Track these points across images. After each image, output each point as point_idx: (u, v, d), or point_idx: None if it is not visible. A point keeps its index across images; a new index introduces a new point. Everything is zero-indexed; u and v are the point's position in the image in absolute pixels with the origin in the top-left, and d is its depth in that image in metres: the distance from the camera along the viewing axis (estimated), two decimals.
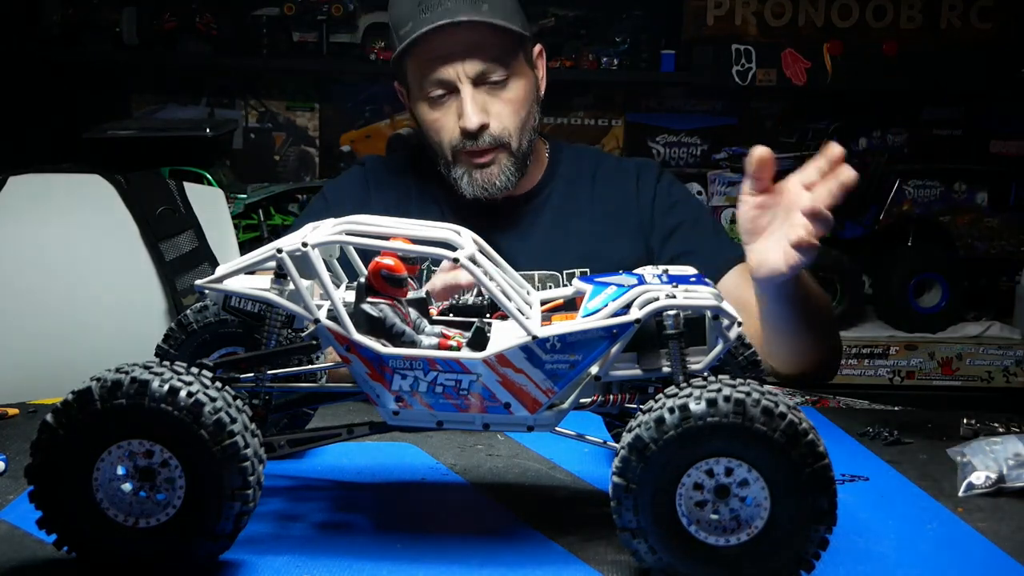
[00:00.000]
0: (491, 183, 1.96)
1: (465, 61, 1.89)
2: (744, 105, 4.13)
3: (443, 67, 1.90)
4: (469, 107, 1.90)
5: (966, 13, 3.69)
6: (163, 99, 4.10)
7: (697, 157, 4.12)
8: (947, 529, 1.20)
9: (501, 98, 1.94)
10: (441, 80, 1.92)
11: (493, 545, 1.11)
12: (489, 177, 1.96)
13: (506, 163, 1.96)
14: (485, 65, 1.90)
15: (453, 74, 1.90)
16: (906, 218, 3.60)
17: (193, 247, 2.09)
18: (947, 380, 3.53)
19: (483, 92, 1.92)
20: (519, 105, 1.96)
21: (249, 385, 1.12)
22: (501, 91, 1.94)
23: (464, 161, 1.96)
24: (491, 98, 1.93)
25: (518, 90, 1.96)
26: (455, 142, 1.94)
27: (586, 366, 1.08)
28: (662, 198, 2.10)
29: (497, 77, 1.92)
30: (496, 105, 1.93)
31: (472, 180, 1.96)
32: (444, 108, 1.95)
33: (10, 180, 2.08)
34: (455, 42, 1.89)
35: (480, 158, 1.95)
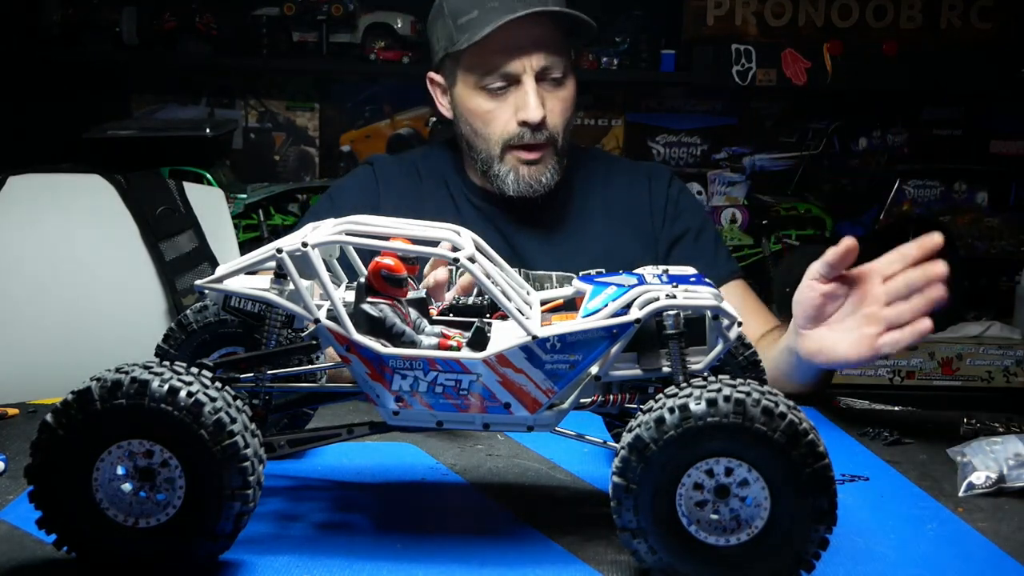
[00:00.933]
0: (537, 180, 1.96)
1: (532, 55, 1.90)
2: (744, 105, 4.13)
3: (510, 59, 1.90)
4: (534, 99, 1.90)
5: (966, 13, 3.69)
6: (163, 99, 4.09)
7: (697, 157, 4.12)
8: (947, 529, 1.20)
9: (557, 95, 1.95)
10: (506, 72, 1.91)
11: (493, 545, 1.11)
12: (536, 174, 1.96)
13: (552, 162, 1.97)
14: (550, 60, 1.91)
15: (520, 67, 1.90)
16: (906, 218, 3.60)
17: (193, 247, 2.09)
18: (947, 380, 3.52)
19: (544, 88, 1.93)
20: (570, 104, 1.99)
21: (249, 385, 1.12)
22: (558, 89, 1.95)
23: (512, 157, 1.96)
24: (548, 94, 1.94)
25: (571, 89, 1.98)
26: (509, 135, 1.94)
27: (586, 366, 1.08)
28: (672, 205, 2.12)
29: (557, 74, 1.94)
30: (552, 102, 1.95)
31: (519, 176, 1.96)
32: (501, 100, 1.94)
33: (10, 180, 2.08)
34: (524, 35, 1.89)
35: (532, 153, 1.95)
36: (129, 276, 2.05)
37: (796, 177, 3.85)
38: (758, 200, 3.73)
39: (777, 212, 3.62)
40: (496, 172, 1.97)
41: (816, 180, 3.89)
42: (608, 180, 2.13)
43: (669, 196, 2.13)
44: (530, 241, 2.05)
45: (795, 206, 3.64)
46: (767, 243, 3.61)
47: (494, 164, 1.97)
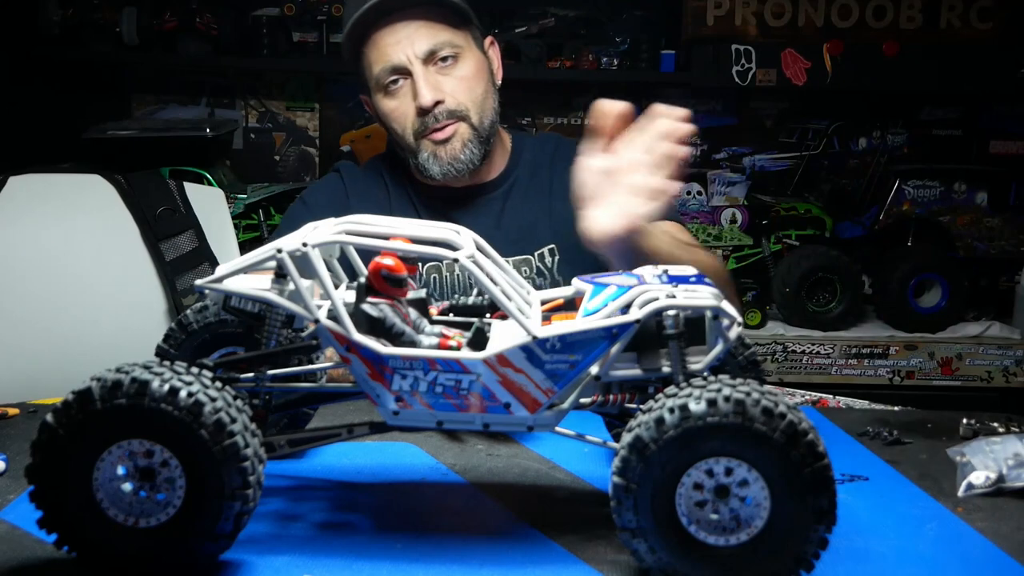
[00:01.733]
0: (455, 157, 1.96)
1: (413, 41, 1.92)
2: (744, 105, 4.13)
3: (391, 50, 1.93)
4: (422, 84, 1.92)
5: (966, 13, 3.69)
6: (163, 99, 4.10)
7: (697, 157, 4.12)
8: (947, 529, 1.20)
9: (453, 75, 1.96)
10: (393, 66, 1.94)
11: (493, 545, 1.11)
12: (452, 152, 1.96)
13: (467, 137, 1.97)
14: (433, 42, 1.93)
15: (403, 56, 1.93)
16: (906, 218, 3.60)
17: (193, 247, 2.09)
18: (947, 380, 3.52)
19: (435, 72, 1.94)
20: (472, 81, 1.98)
21: (249, 385, 1.12)
22: (452, 68, 1.96)
23: (426, 143, 1.97)
24: (443, 77, 1.95)
25: (469, 67, 1.98)
26: (415, 125, 1.96)
27: (586, 366, 1.08)
28: None
29: (446, 53, 1.95)
30: (449, 83, 1.95)
31: (438, 160, 1.96)
32: (400, 95, 1.97)
33: (10, 180, 2.08)
34: (401, 26, 1.92)
35: (440, 133, 1.95)
36: (129, 276, 2.05)
37: (796, 177, 3.85)
38: (758, 200, 3.73)
39: (777, 212, 3.63)
40: (419, 164, 1.99)
41: (816, 180, 3.89)
42: (555, 158, 2.12)
43: None
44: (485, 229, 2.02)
45: (795, 206, 3.64)
46: (767, 243, 3.61)
47: (416, 156, 1.99)
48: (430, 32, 1.94)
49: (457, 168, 1.97)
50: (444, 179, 1.99)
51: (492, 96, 2.04)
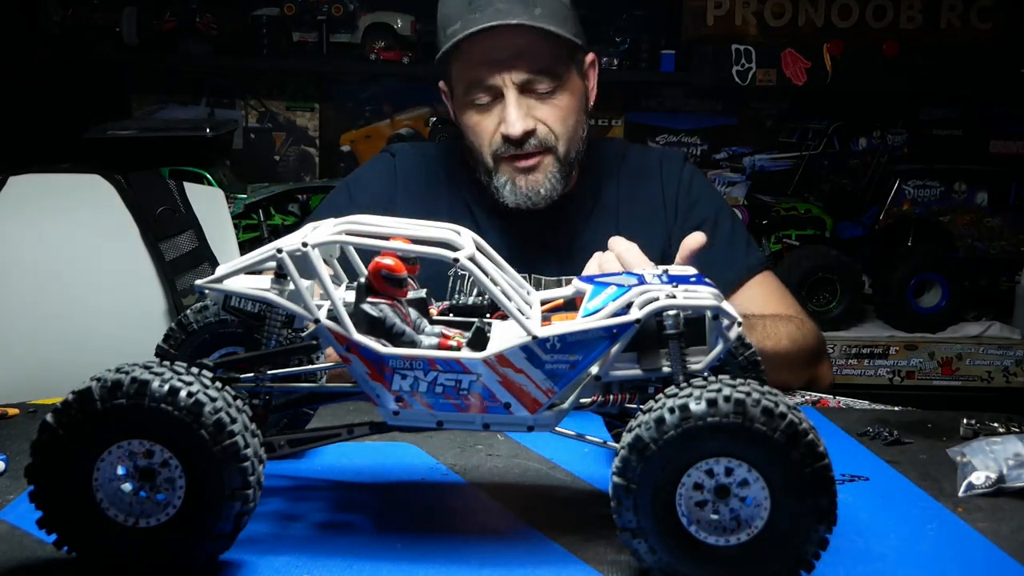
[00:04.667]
0: (535, 190, 1.89)
1: (512, 69, 1.83)
2: (744, 105, 4.13)
3: (489, 72, 1.83)
4: (513, 113, 1.83)
5: (966, 13, 3.69)
6: (163, 99, 4.10)
7: (697, 157, 4.11)
8: (947, 529, 1.20)
9: (548, 104, 1.87)
10: (487, 86, 1.85)
11: (493, 545, 1.11)
12: (534, 184, 1.88)
13: (552, 170, 1.89)
14: (531, 75, 1.84)
15: (499, 80, 1.83)
16: (906, 218, 3.60)
17: (193, 247, 2.09)
18: (947, 380, 3.52)
19: (529, 98, 1.86)
20: (566, 112, 1.89)
21: (249, 385, 1.12)
22: (549, 98, 1.87)
23: (507, 167, 1.89)
24: (537, 104, 1.86)
25: (568, 97, 1.89)
26: (497, 147, 1.87)
27: (586, 366, 1.08)
28: (684, 194, 2.04)
29: (544, 88, 1.86)
30: (542, 111, 1.87)
31: (515, 188, 1.89)
32: (488, 114, 1.88)
33: (10, 180, 2.08)
34: (503, 47, 1.82)
35: (525, 161, 1.87)
36: (129, 276, 2.05)
37: (796, 177, 3.85)
38: (758, 200, 3.73)
39: (777, 212, 3.62)
40: (494, 184, 1.91)
41: (816, 180, 3.89)
42: (620, 172, 2.06)
43: (681, 183, 2.04)
44: (543, 249, 1.98)
45: (795, 206, 3.64)
46: (767, 243, 3.61)
47: (492, 176, 1.91)
48: (532, 61, 1.83)
49: (534, 201, 1.90)
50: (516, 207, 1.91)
51: (584, 126, 1.95)
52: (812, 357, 1.95)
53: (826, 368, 2.02)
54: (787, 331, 1.86)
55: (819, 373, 1.98)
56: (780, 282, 2.07)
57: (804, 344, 1.90)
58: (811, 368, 1.95)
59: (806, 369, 1.93)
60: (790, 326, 1.88)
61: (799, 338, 1.88)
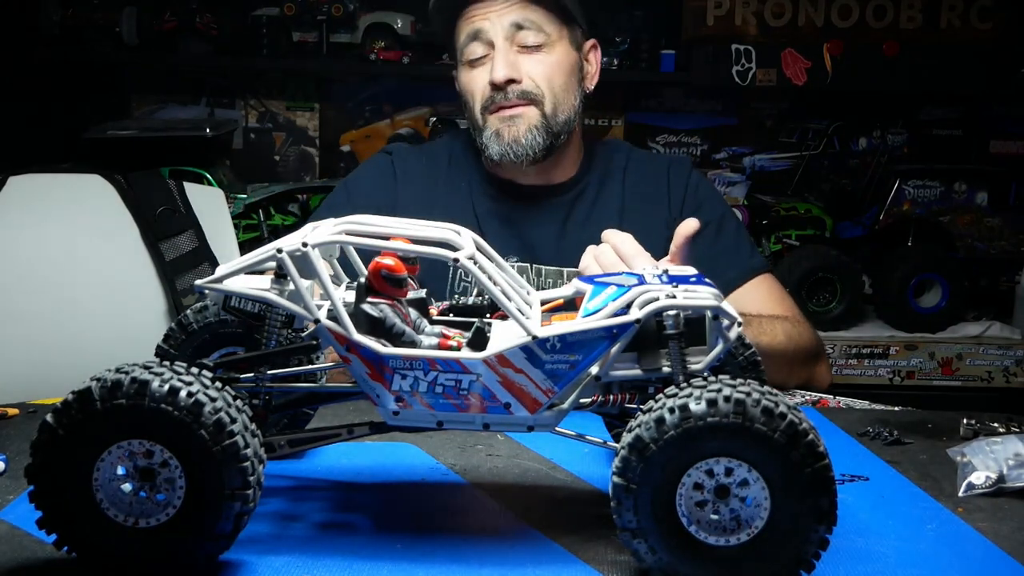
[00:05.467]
0: (516, 139, 1.93)
1: (502, 13, 1.92)
2: (744, 105, 4.13)
3: (479, 23, 1.92)
4: (499, 59, 1.91)
5: (966, 13, 3.69)
6: (163, 99, 4.10)
7: (697, 157, 4.11)
8: (947, 529, 1.20)
9: (536, 58, 1.94)
10: (476, 30, 1.93)
11: (493, 545, 1.11)
12: (515, 133, 1.93)
13: (535, 122, 1.93)
14: (520, 17, 1.92)
15: (487, 24, 1.92)
16: (906, 218, 3.60)
17: (193, 247, 2.09)
18: (947, 380, 3.52)
19: (516, 52, 1.93)
20: (554, 70, 1.95)
21: (249, 385, 1.12)
22: (536, 53, 1.94)
23: (493, 119, 1.94)
24: (524, 57, 1.93)
25: (555, 58, 1.96)
26: (484, 99, 1.94)
27: (586, 366, 1.08)
28: (691, 197, 2.08)
29: (534, 40, 1.93)
30: (528, 64, 1.93)
31: (499, 138, 1.94)
32: (478, 68, 1.95)
33: (10, 180, 2.08)
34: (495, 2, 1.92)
35: (507, 111, 1.93)
36: (129, 276, 2.05)
37: (796, 177, 3.85)
38: (758, 200, 3.73)
39: (777, 212, 3.62)
40: (483, 141, 1.96)
41: (816, 180, 3.89)
42: (626, 171, 2.09)
43: (688, 187, 2.08)
44: (543, 235, 2.02)
45: (795, 206, 3.64)
46: (767, 243, 3.61)
47: (481, 133, 1.97)
48: (522, 11, 1.92)
49: (516, 151, 1.93)
50: (502, 161, 1.95)
51: (574, 94, 2.00)
52: (807, 357, 1.96)
53: (824, 369, 2.03)
54: (782, 329, 1.88)
55: (816, 374, 1.99)
56: (780, 285, 2.10)
57: (800, 343, 1.91)
58: (807, 368, 1.97)
59: (802, 368, 1.95)
60: (785, 325, 1.90)
61: (795, 336, 1.90)
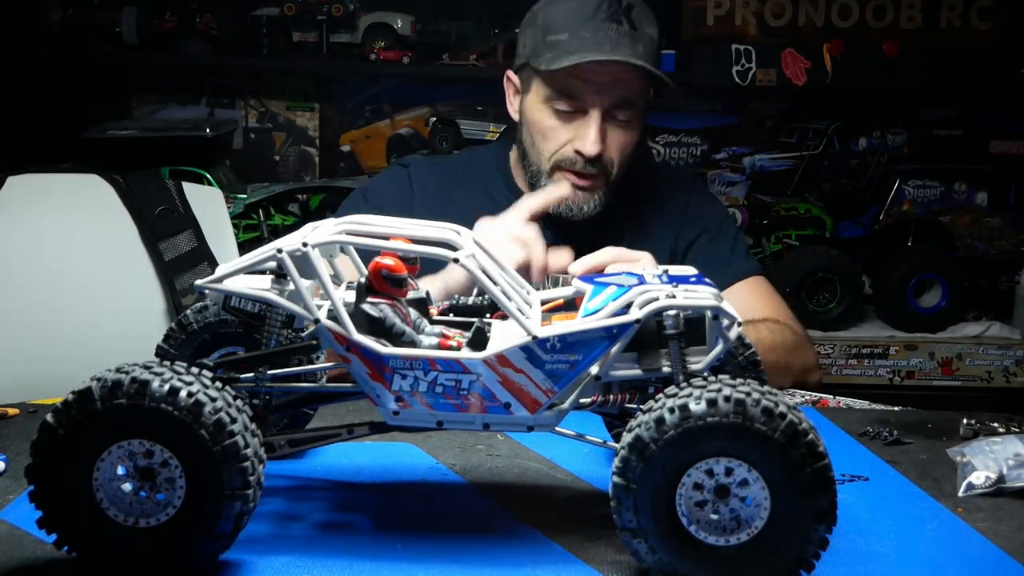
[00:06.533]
0: (580, 207, 1.98)
1: (607, 94, 1.92)
2: (744, 105, 4.12)
3: (585, 91, 1.92)
4: (594, 134, 1.92)
5: (966, 13, 3.69)
6: (163, 99, 4.09)
7: (697, 157, 4.11)
8: (947, 529, 1.20)
9: (620, 132, 1.97)
10: (578, 102, 1.94)
11: (493, 545, 1.11)
12: (582, 201, 1.98)
13: (600, 191, 1.99)
14: (622, 102, 1.94)
15: (592, 102, 1.93)
16: (906, 218, 3.59)
17: (192, 247, 2.09)
18: (947, 380, 3.52)
19: (608, 123, 1.95)
20: (630, 144, 2.00)
21: (249, 385, 1.12)
22: (622, 128, 1.97)
23: (562, 176, 1.97)
24: (612, 130, 1.96)
25: (636, 131, 2.00)
26: (562, 158, 1.96)
27: (586, 366, 1.08)
28: (693, 208, 2.13)
29: (624, 117, 1.96)
30: (613, 136, 1.96)
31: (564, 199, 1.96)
32: (565, 122, 1.96)
33: (9, 180, 2.08)
34: (605, 73, 1.91)
35: (584, 181, 1.97)
36: (128, 276, 2.05)
37: (796, 177, 3.85)
38: (758, 200, 3.73)
39: (777, 212, 3.62)
40: (542, 183, 1.99)
41: (816, 180, 3.89)
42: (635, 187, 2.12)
43: (690, 199, 2.14)
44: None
45: (795, 206, 3.64)
46: (767, 243, 3.61)
47: (542, 179, 1.99)
48: (625, 92, 1.94)
49: (575, 214, 1.99)
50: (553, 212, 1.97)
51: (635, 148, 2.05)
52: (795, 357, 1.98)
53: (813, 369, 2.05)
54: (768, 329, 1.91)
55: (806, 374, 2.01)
56: (772, 288, 2.14)
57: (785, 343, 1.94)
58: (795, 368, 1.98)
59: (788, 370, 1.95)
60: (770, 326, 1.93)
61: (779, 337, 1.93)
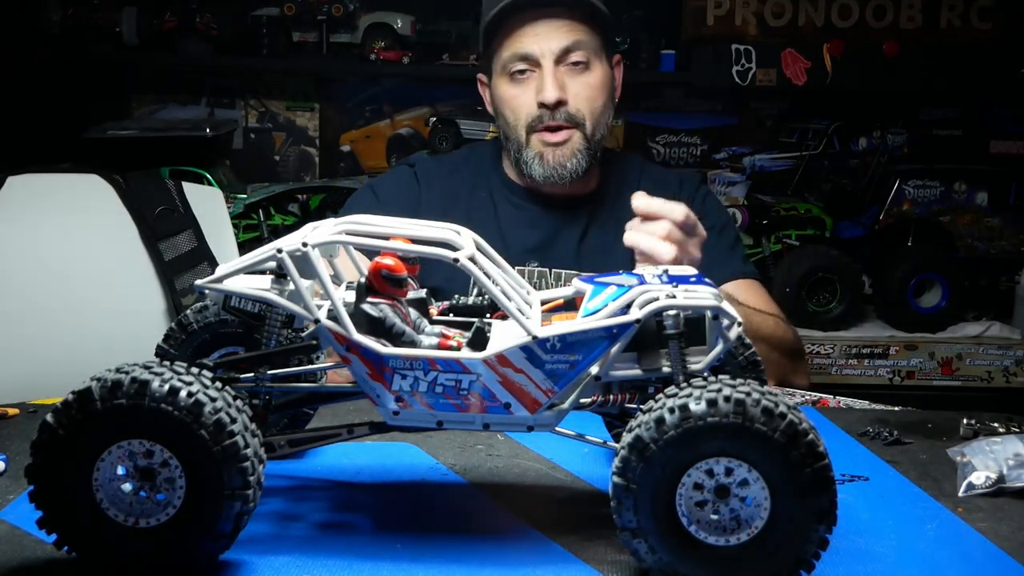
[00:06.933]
0: (562, 164, 1.98)
1: (551, 36, 1.95)
2: (744, 105, 4.13)
3: (528, 40, 1.95)
4: (549, 80, 1.94)
5: (966, 13, 3.69)
6: (163, 99, 4.10)
7: (697, 157, 4.11)
8: (947, 529, 1.20)
9: (581, 80, 1.98)
10: (525, 55, 1.96)
11: (493, 545, 1.11)
12: (560, 158, 1.98)
13: (579, 146, 1.99)
14: (570, 41, 1.96)
15: (536, 48, 1.95)
16: (906, 218, 3.60)
17: (192, 247, 2.09)
18: (947, 380, 3.52)
19: (563, 72, 1.97)
20: (597, 91, 2.00)
21: (249, 385, 1.12)
22: (581, 74, 1.98)
23: (537, 140, 1.98)
24: (571, 79, 1.97)
25: (597, 77, 2.00)
26: (531, 118, 1.98)
27: (586, 366, 1.08)
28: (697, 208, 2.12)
29: (578, 58, 1.97)
30: (575, 86, 1.97)
31: (544, 161, 1.98)
32: (523, 85, 1.99)
33: (9, 180, 2.08)
34: (543, 19, 1.95)
35: (554, 135, 1.97)
36: (128, 276, 2.05)
37: (796, 177, 3.85)
38: (758, 200, 3.73)
39: (777, 212, 3.62)
40: (524, 159, 2.00)
41: (816, 180, 3.89)
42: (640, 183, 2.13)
43: (695, 199, 2.15)
44: (564, 241, 2.08)
45: (795, 206, 3.64)
46: (767, 243, 3.61)
47: (523, 151, 2.01)
48: (570, 32, 1.96)
49: (560, 175, 1.99)
50: (543, 182, 2.00)
51: (609, 111, 2.06)
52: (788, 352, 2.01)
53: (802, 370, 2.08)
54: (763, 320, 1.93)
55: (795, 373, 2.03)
56: (766, 292, 2.16)
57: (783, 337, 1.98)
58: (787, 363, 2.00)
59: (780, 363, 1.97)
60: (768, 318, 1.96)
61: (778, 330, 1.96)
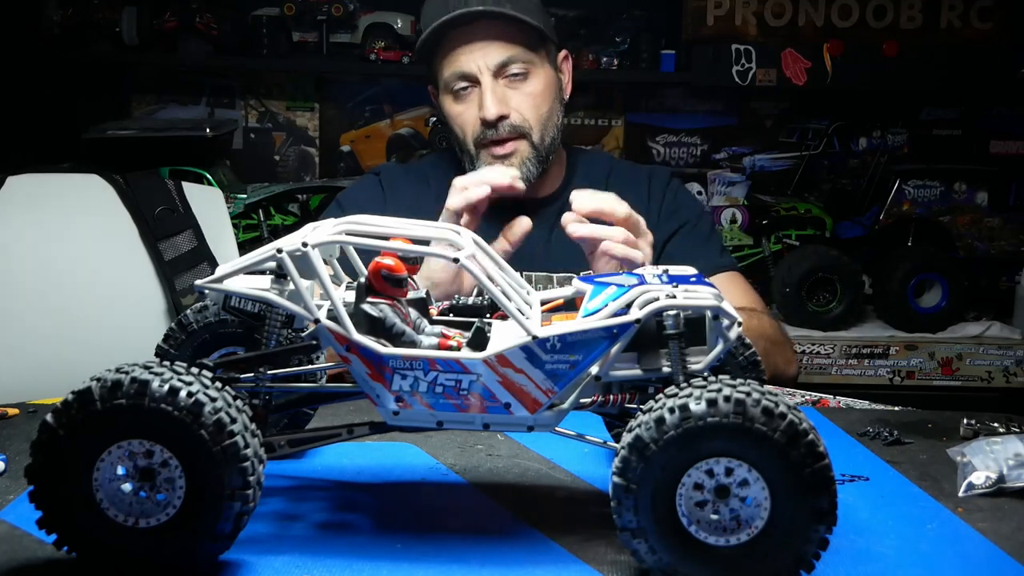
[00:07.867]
0: None
1: (486, 53, 1.95)
2: (744, 105, 4.13)
3: (464, 59, 1.96)
4: (488, 97, 1.95)
5: (966, 13, 3.69)
6: (163, 99, 4.10)
7: (697, 157, 4.12)
8: (947, 529, 1.20)
9: (521, 91, 1.99)
10: (463, 73, 1.97)
11: (493, 545, 1.11)
12: None
13: (527, 155, 1.99)
14: (504, 56, 1.96)
15: (473, 66, 1.96)
16: (906, 218, 3.60)
17: (192, 247, 2.09)
18: (947, 380, 3.52)
19: (503, 85, 1.98)
20: (539, 99, 2.01)
21: (249, 385, 1.12)
22: (521, 84, 1.99)
23: (485, 154, 1.99)
24: (511, 91, 1.98)
25: (538, 84, 2.01)
26: (476, 134, 1.99)
27: (586, 366, 1.07)
28: (669, 203, 2.15)
29: (517, 69, 1.97)
30: (516, 98, 1.98)
31: None
32: (467, 102, 2.00)
33: (9, 180, 2.08)
34: (476, 35, 1.95)
35: (500, 148, 1.98)
36: (128, 276, 2.05)
37: (796, 177, 3.85)
38: (758, 200, 3.73)
39: (777, 212, 3.62)
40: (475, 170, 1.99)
41: (816, 180, 3.89)
42: (609, 181, 2.15)
43: (667, 194, 2.16)
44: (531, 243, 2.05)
45: (795, 206, 3.64)
46: (767, 243, 3.61)
47: (475, 163, 2.02)
48: (504, 46, 1.97)
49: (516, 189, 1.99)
50: None
51: (557, 113, 2.06)
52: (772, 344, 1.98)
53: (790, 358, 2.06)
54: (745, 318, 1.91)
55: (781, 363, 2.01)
56: (747, 283, 2.16)
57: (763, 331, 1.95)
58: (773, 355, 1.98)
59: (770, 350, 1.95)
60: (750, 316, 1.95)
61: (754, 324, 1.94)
